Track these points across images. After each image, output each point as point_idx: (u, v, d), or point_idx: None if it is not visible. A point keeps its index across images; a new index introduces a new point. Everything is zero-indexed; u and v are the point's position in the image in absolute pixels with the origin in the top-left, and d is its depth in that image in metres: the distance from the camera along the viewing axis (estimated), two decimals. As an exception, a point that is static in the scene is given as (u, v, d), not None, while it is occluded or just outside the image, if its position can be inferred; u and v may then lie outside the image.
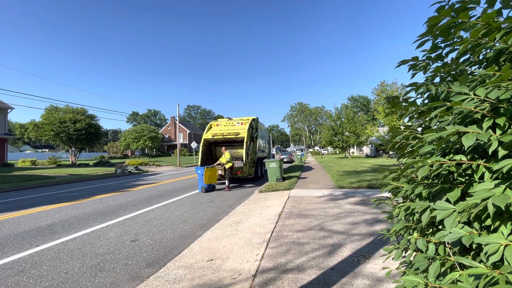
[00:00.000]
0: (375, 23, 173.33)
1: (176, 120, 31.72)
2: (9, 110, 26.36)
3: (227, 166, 10.58)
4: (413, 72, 1.62)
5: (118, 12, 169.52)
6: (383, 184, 1.56)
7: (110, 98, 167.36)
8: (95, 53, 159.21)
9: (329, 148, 50.59)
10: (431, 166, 1.00)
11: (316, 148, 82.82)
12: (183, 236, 4.90)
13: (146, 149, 55.93)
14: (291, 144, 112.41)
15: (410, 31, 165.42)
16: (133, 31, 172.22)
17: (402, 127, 1.80)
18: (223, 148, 11.47)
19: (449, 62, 1.42)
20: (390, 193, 1.54)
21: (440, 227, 1.11)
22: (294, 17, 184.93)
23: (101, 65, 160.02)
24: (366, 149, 48.58)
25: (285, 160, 30.47)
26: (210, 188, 10.46)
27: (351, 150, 43.82)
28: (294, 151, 63.38)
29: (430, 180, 1.19)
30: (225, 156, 10.72)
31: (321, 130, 71.40)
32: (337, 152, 54.20)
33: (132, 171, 21.12)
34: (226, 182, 10.58)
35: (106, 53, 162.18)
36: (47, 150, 71.89)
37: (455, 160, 0.96)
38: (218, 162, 11.11)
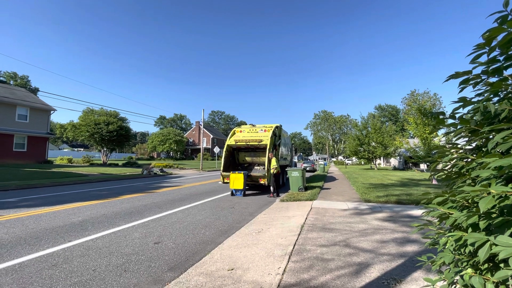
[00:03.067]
0: (402, 36, 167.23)
1: (201, 125, 32.62)
2: (51, 112, 28.74)
3: (272, 171, 10.71)
4: (462, 86, 1.48)
5: (153, 25, 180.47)
6: (427, 208, 1.42)
7: (141, 103, 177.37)
8: (131, 61, 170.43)
9: (353, 158, 48.78)
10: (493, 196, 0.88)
11: (340, 157, 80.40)
12: (204, 242, 4.92)
13: (171, 152, 57.89)
14: (314, 152, 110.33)
15: (435, 41, 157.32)
16: (165, 41, 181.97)
17: (444, 144, 1.64)
18: (270, 154, 11.29)
19: (508, 77, 1.27)
20: (434, 218, 1.40)
21: (501, 265, 0.97)
22: (323, 30, 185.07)
23: (135, 72, 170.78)
24: (394, 161, 46.24)
25: (307, 169, 29.89)
26: (238, 193, 10.63)
27: (378, 161, 41.89)
28: (317, 160, 62.01)
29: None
30: (272, 163, 10.80)
31: (345, 139, 69.28)
32: (362, 163, 52.13)
33: (157, 173, 21.91)
34: (272, 188, 10.76)
35: (141, 61, 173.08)
36: (82, 149, 77.23)
37: (525, 191, 0.84)
38: (266, 167, 11.26)
